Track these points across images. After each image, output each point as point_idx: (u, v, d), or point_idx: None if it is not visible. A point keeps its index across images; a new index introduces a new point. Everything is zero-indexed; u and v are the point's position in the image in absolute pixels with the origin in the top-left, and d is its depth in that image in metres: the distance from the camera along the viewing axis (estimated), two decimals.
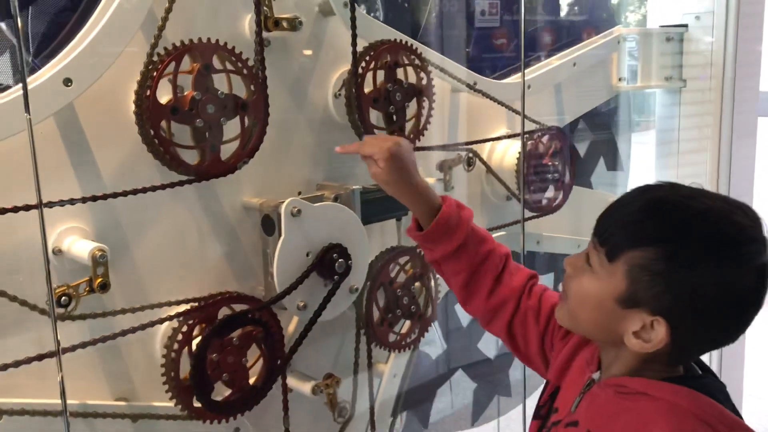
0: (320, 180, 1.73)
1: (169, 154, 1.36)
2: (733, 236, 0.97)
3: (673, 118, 2.68)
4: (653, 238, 0.98)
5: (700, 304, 0.97)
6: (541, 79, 2.21)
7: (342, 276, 1.55)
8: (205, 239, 1.55)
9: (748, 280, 0.97)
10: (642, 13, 3.14)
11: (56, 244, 1.34)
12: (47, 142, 1.32)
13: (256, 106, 1.45)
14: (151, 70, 1.32)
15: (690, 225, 0.97)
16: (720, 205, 1.00)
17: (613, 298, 1.01)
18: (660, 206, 1.01)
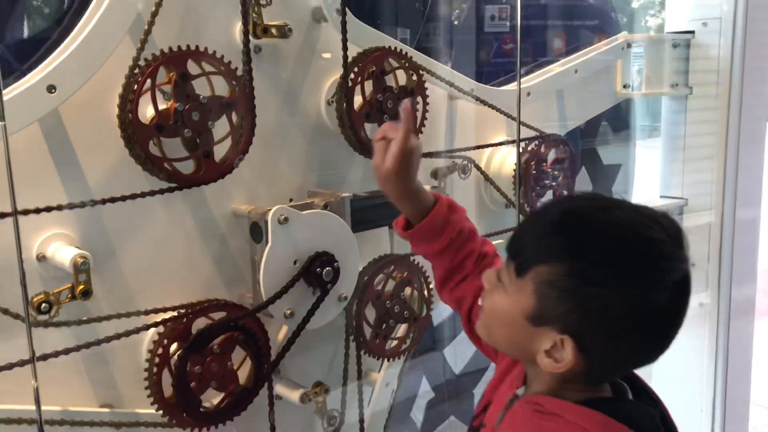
0: (313, 187, 1.72)
1: (164, 171, 1.37)
2: (644, 253, 0.92)
3: (679, 125, 2.65)
4: (561, 254, 0.93)
5: (610, 323, 0.92)
6: (541, 86, 2.18)
7: (329, 284, 1.53)
8: (194, 246, 1.55)
9: (662, 298, 0.92)
10: (662, 17, 3.10)
11: (41, 250, 1.34)
12: (33, 149, 1.32)
13: (241, 102, 1.44)
14: (129, 92, 1.32)
15: (599, 240, 0.93)
16: (634, 218, 0.94)
17: (523, 316, 0.96)
18: (570, 220, 0.96)
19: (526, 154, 2.07)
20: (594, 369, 0.96)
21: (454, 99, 1.98)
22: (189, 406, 1.42)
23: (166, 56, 1.33)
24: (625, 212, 0.95)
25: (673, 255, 0.93)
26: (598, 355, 0.95)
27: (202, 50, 1.37)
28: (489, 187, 2.08)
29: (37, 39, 1.56)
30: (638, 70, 2.53)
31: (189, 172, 1.43)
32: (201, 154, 1.42)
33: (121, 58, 1.35)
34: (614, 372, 1.01)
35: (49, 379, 1.36)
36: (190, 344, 1.38)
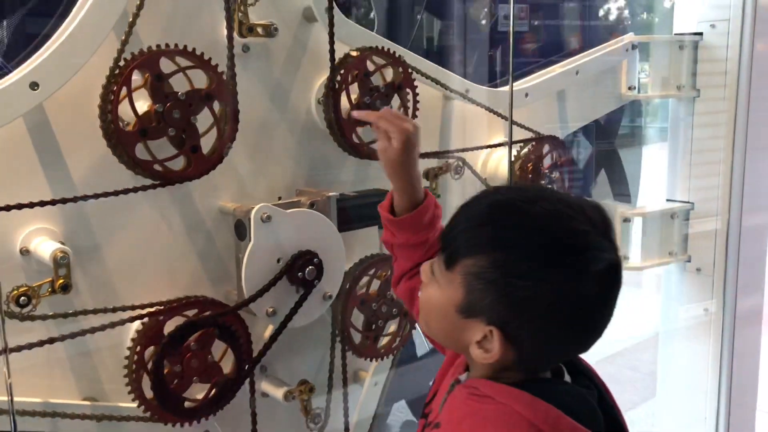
0: (302, 185, 1.73)
1: (155, 173, 1.39)
2: (567, 243, 0.93)
3: (686, 127, 2.61)
4: (486, 246, 0.95)
5: (535, 314, 0.93)
6: (539, 87, 2.16)
7: (312, 283, 1.54)
8: (180, 243, 1.56)
9: (587, 288, 0.93)
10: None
11: (24, 244, 1.36)
12: (17, 145, 1.34)
13: (220, 90, 1.44)
14: (107, 101, 1.34)
15: (523, 232, 0.94)
16: (558, 208, 0.95)
17: (453, 308, 0.98)
18: (495, 212, 0.98)
19: (522, 156, 2.05)
20: (525, 358, 0.98)
21: (449, 99, 1.97)
22: (169, 404, 1.43)
23: (137, 60, 1.34)
24: (550, 203, 0.96)
25: (598, 245, 0.93)
26: (527, 346, 0.96)
27: (173, 47, 1.38)
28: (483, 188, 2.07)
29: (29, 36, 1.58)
30: (643, 72, 2.50)
31: (179, 168, 1.45)
32: (189, 150, 1.43)
33: (107, 54, 1.37)
34: (547, 361, 1.02)
35: (31, 371, 1.39)
36: (164, 345, 1.39)
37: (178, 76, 1.40)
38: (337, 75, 1.62)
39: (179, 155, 1.43)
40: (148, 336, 1.42)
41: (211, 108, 1.45)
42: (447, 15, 3.48)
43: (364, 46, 1.68)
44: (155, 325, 1.43)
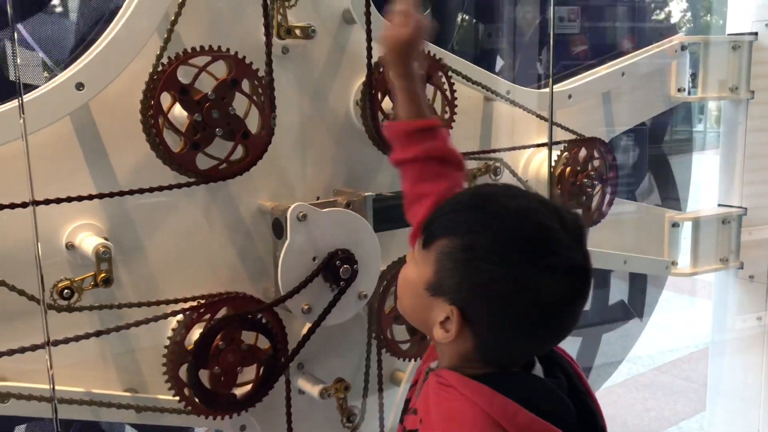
0: (340, 186, 1.74)
1: (220, 173, 1.45)
2: (534, 236, 0.96)
3: (739, 131, 2.53)
4: (460, 229, 1.00)
5: (494, 299, 0.96)
6: (583, 88, 2.14)
7: (347, 281, 1.55)
8: (219, 240, 1.60)
9: (547, 284, 0.95)
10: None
11: (70, 239, 1.42)
12: (63, 143, 1.40)
13: (256, 142, 1.49)
14: (187, 54, 1.39)
15: (496, 220, 0.98)
16: (534, 206, 0.99)
17: (423, 285, 1.02)
18: (476, 200, 1.03)
19: (564, 158, 2.02)
20: (483, 347, 1.01)
21: (490, 101, 1.96)
22: (206, 398, 1.46)
23: (236, 58, 1.42)
24: (528, 200, 1.01)
25: (564, 244, 0.97)
26: (483, 332, 0.99)
27: (183, 55, 1.41)
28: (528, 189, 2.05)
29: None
30: (694, 73, 2.44)
31: (239, 158, 1.49)
32: (241, 137, 1.47)
33: (151, 54, 1.41)
34: (507, 353, 1.03)
35: (76, 362, 1.45)
36: (196, 353, 1.42)
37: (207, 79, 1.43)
38: (374, 77, 1.63)
39: (236, 147, 1.47)
40: (187, 329, 1.46)
41: (241, 90, 1.47)
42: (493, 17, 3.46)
43: None
44: (194, 319, 1.46)
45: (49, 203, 1.28)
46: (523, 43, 3.44)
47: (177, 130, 1.40)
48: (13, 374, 1.38)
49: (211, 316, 1.49)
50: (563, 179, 2.01)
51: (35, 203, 1.23)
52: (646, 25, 4.04)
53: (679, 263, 2.51)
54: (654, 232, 2.47)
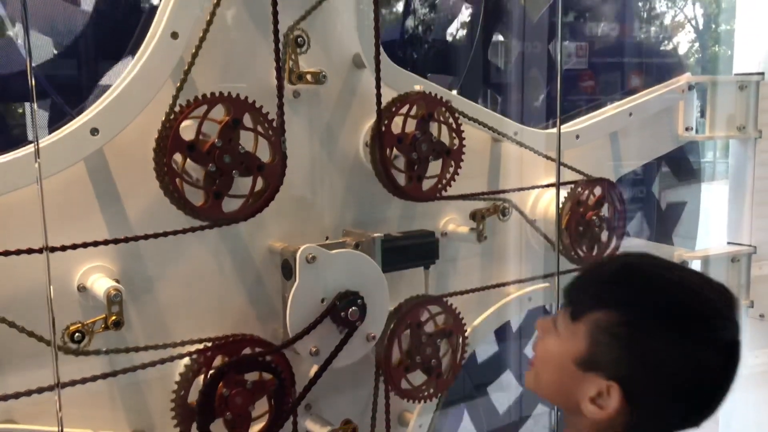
0: (349, 225, 1.76)
1: (174, 186, 1.41)
2: (702, 312, 0.95)
3: (747, 169, 2.53)
4: (619, 302, 0.97)
5: (659, 375, 0.93)
6: (591, 128, 2.15)
7: (355, 323, 1.56)
8: (229, 281, 1.61)
9: (712, 357, 0.93)
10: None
11: (81, 281, 1.43)
12: (77, 186, 1.42)
13: (273, 172, 1.50)
14: (182, 108, 1.40)
15: (658, 294, 0.96)
16: (694, 279, 0.98)
17: (572, 359, 0.99)
18: (631, 272, 1.00)
19: (571, 197, 2.03)
20: (637, 422, 0.97)
21: (498, 141, 1.98)
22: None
23: (231, 98, 1.43)
24: (684, 272, 0.99)
25: (727, 317, 0.96)
26: (643, 407, 0.95)
27: (179, 111, 1.42)
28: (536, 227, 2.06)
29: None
30: (702, 113, 2.46)
31: (198, 203, 1.46)
32: (212, 193, 1.45)
33: (163, 103, 1.44)
34: (656, 430, 1.00)
35: (84, 403, 1.45)
36: (201, 409, 1.43)
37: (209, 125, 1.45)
38: (383, 119, 1.65)
39: (202, 189, 1.45)
40: (195, 371, 1.46)
41: (255, 180, 1.49)
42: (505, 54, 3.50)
43: (410, 91, 1.71)
44: (203, 362, 1.47)
45: (63, 250, 1.30)
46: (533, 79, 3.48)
47: (197, 186, 1.42)
48: (23, 417, 1.38)
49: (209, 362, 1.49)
50: (571, 219, 2.02)
51: (49, 249, 1.25)
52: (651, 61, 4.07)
53: None
54: None
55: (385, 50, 1.66)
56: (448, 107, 1.74)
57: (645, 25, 4.47)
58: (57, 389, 1.26)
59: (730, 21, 2.82)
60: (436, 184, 1.75)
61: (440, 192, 1.75)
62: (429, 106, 1.70)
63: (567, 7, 3.64)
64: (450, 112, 1.74)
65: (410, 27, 3.37)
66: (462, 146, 1.77)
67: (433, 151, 1.71)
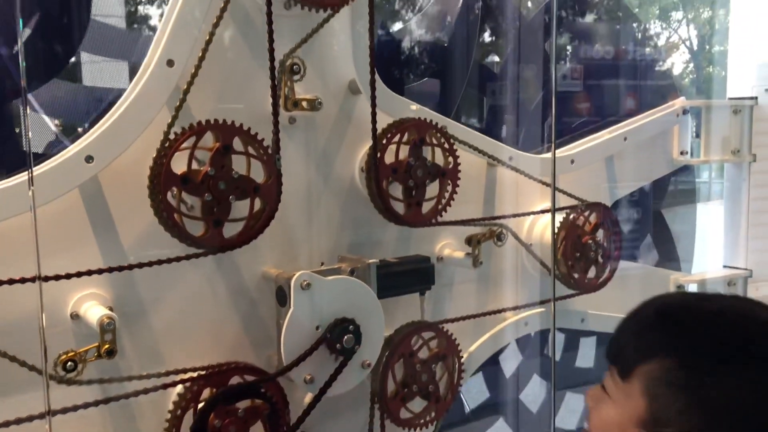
0: (345, 251, 1.75)
1: (173, 222, 1.41)
2: (756, 332, 0.86)
3: (742, 192, 2.54)
4: (666, 347, 0.88)
5: (735, 413, 0.83)
6: (586, 153, 2.16)
7: (351, 351, 1.55)
8: (223, 308, 1.60)
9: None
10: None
11: (75, 309, 1.42)
12: (72, 213, 1.41)
13: (269, 191, 1.49)
14: (171, 142, 1.39)
15: (704, 327, 0.87)
16: (735, 303, 0.90)
17: (634, 424, 0.89)
18: (669, 312, 0.93)
19: (567, 223, 2.03)
20: None
21: (493, 166, 1.98)
22: None
23: (218, 125, 1.42)
24: (724, 298, 0.92)
25: None
26: None
27: (167, 142, 1.41)
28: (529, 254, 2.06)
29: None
30: (697, 133, 2.47)
31: (198, 234, 1.45)
32: (211, 222, 1.44)
33: (158, 130, 1.44)
34: None
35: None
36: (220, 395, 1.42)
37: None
38: (390, 131, 1.65)
39: (201, 220, 1.44)
40: (188, 401, 1.45)
41: (253, 201, 1.48)
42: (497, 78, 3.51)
43: (405, 117, 1.71)
44: (195, 391, 1.46)
45: (56, 279, 1.29)
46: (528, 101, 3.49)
47: (195, 218, 1.42)
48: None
49: (202, 391, 1.47)
50: (567, 244, 2.02)
51: (42, 279, 1.24)
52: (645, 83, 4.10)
53: None
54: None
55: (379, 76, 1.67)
56: (442, 132, 1.74)
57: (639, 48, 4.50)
58: (48, 417, 1.25)
59: (723, 42, 2.84)
60: (435, 207, 1.75)
61: (440, 214, 1.76)
62: (421, 131, 1.70)
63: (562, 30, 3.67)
64: (440, 132, 1.74)
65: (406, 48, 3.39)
66: (457, 165, 1.77)
67: (429, 174, 1.71)
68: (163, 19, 1.49)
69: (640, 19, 8.05)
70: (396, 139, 1.68)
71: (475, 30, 3.13)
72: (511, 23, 3.35)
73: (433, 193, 1.76)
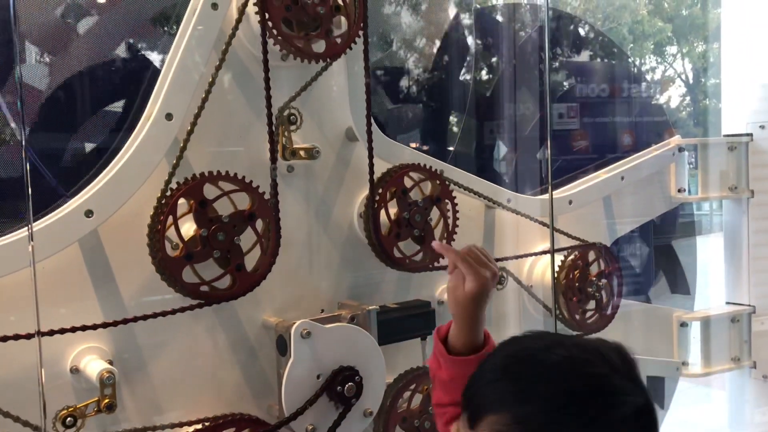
0: (344, 297, 1.75)
1: (202, 294, 1.45)
2: (585, 391, 0.86)
3: (741, 228, 2.54)
4: (505, 401, 0.89)
5: None
6: (584, 193, 2.17)
7: (352, 399, 1.54)
8: (223, 358, 1.59)
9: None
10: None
11: (74, 363, 1.42)
12: (71, 267, 1.42)
13: (261, 209, 1.50)
14: (154, 231, 1.41)
15: (539, 383, 0.88)
16: (575, 354, 0.89)
17: None
18: (512, 364, 0.92)
19: (567, 264, 2.03)
20: None
21: (491, 208, 1.99)
22: None
23: (181, 189, 1.42)
24: (566, 349, 0.91)
25: (620, 389, 0.87)
26: None
27: (216, 173, 1.44)
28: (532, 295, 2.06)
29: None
30: (694, 174, 2.48)
31: (225, 287, 1.49)
32: (234, 269, 1.48)
33: (159, 178, 1.44)
34: None
35: None
36: None
37: (223, 201, 1.46)
38: (376, 191, 1.67)
39: (226, 274, 1.48)
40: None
41: (254, 227, 1.50)
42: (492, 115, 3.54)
43: (402, 163, 1.73)
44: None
45: (54, 334, 1.29)
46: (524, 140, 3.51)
47: (180, 235, 1.43)
48: None
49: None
50: (567, 285, 2.02)
51: (41, 334, 1.24)
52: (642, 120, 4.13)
53: (689, 363, 2.48)
54: (662, 332, 2.45)
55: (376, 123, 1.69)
56: (440, 178, 1.76)
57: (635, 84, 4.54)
58: None
59: (718, 75, 2.87)
60: (443, 234, 1.77)
61: (449, 240, 1.77)
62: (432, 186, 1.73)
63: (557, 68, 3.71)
64: (441, 182, 1.75)
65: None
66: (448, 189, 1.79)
67: (425, 210, 1.72)
68: (162, 72, 1.51)
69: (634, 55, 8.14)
70: (388, 196, 1.70)
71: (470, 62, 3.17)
72: (508, 62, 3.39)
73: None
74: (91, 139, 1.89)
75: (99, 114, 1.92)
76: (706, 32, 7.55)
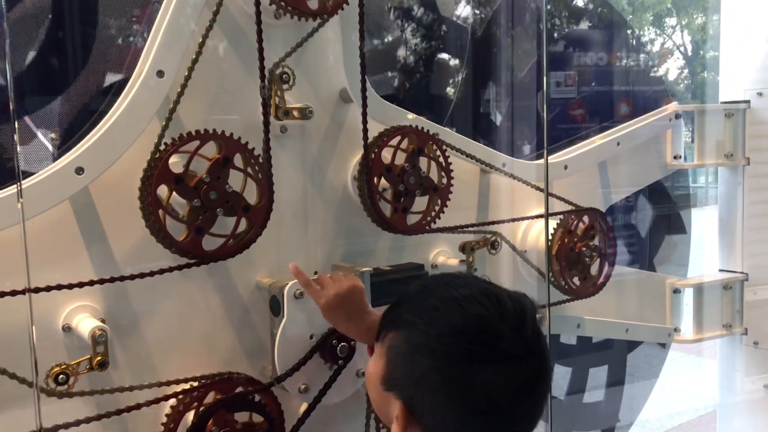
0: (338, 260, 1.75)
1: (156, 217, 1.40)
2: (467, 329, 0.93)
3: (736, 196, 2.54)
4: (402, 321, 0.99)
5: (433, 394, 0.93)
6: (579, 159, 2.16)
7: (345, 359, 1.54)
8: (216, 318, 1.59)
9: (485, 377, 0.91)
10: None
11: (67, 321, 1.41)
12: (63, 226, 1.41)
13: (258, 215, 1.49)
14: (170, 145, 1.39)
15: (432, 312, 0.96)
16: (473, 294, 0.96)
17: (378, 379, 1.01)
18: (419, 291, 1.02)
19: (561, 228, 2.03)
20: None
21: (486, 173, 1.98)
22: None
23: (224, 137, 1.42)
24: (469, 289, 0.97)
25: (501, 334, 0.93)
26: (431, 426, 0.95)
27: (170, 146, 1.41)
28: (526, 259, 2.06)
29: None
30: (692, 138, 2.47)
31: (180, 237, 1.44)
32: (194, 228, 1.43)
33: (151, 134, 1.43)
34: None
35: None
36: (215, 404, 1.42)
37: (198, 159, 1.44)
38: (370, 153, 1.65)
39: (239, 221, 1.47)
40: (181, 413, 1.44)
41: (233, 166, 1.47)
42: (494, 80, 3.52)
43: (396, 125, 1.71)
44: (188, 402, 1.45)
45: (47, 290, 1.29)
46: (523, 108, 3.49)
47: (179, 220, 1.41)
48: None
49: (200, 401, 1.46)
50: (561, 250, 2.02)
51: (31, 290, 1.23)
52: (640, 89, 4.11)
53: (681, 329, 2.50)
54: (655, 299, 2.46)
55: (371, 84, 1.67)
56: (436, 141, 1.74)
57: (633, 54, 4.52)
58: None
59: (717, 47, 2.86)
60: (422, 219, 1.75)
61: (428, 226, 1.75)
62: (419, 140, 1.71)
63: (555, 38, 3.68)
64: (438, 146, 1.74)
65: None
66: (450, 185, 1.78)
67: (421, 186, 1.71)
68: (153, 30, 1.49)
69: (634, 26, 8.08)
70: (393, 142, 1.68)
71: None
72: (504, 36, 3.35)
73: (421, 206, 1.76)
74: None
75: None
76: (706, 3, 7.48)
